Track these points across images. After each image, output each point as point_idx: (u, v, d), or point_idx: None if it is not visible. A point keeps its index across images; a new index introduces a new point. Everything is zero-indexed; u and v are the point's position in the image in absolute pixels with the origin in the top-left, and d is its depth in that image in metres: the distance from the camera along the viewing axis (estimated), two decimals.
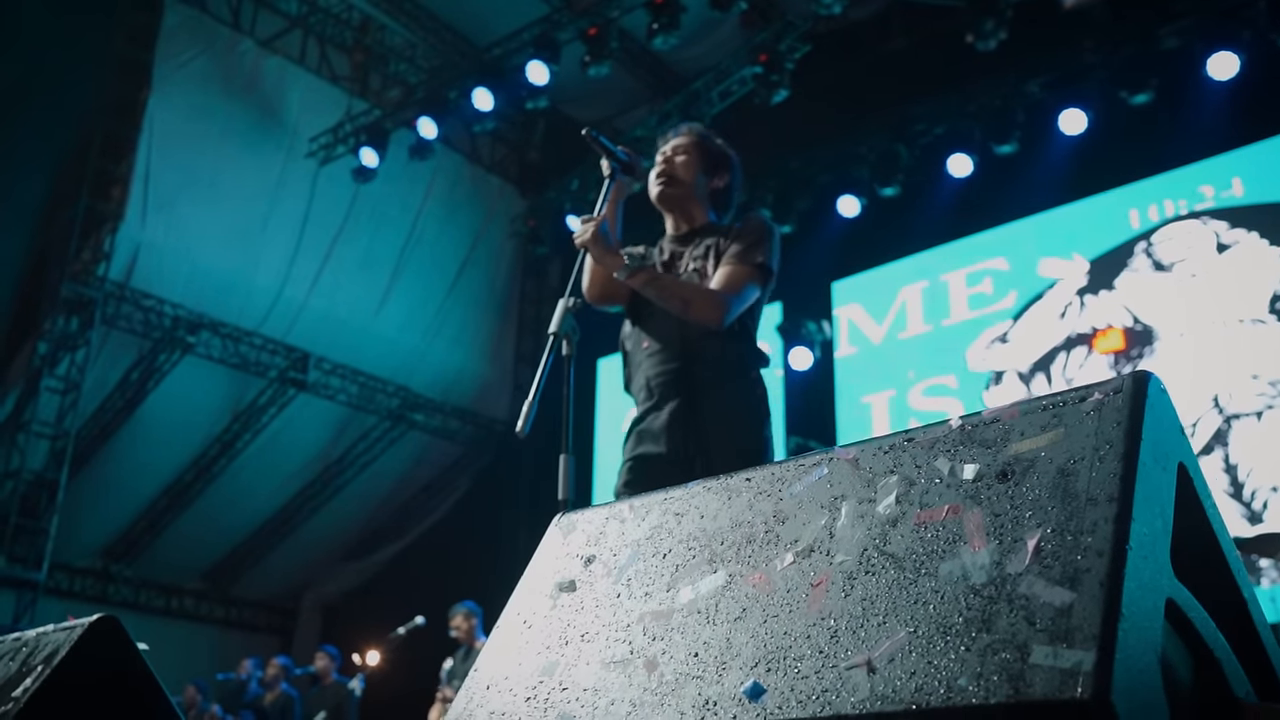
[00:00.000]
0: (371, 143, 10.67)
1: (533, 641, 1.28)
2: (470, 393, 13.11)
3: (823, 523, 1.06)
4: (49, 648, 2.17)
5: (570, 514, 1.47)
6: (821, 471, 1.12)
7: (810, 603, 1.00)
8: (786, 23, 9.15)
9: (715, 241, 3.08)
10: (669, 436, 2.91)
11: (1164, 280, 8.99)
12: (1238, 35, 8.56)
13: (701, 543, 1.18)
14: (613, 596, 1.23)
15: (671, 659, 1.07)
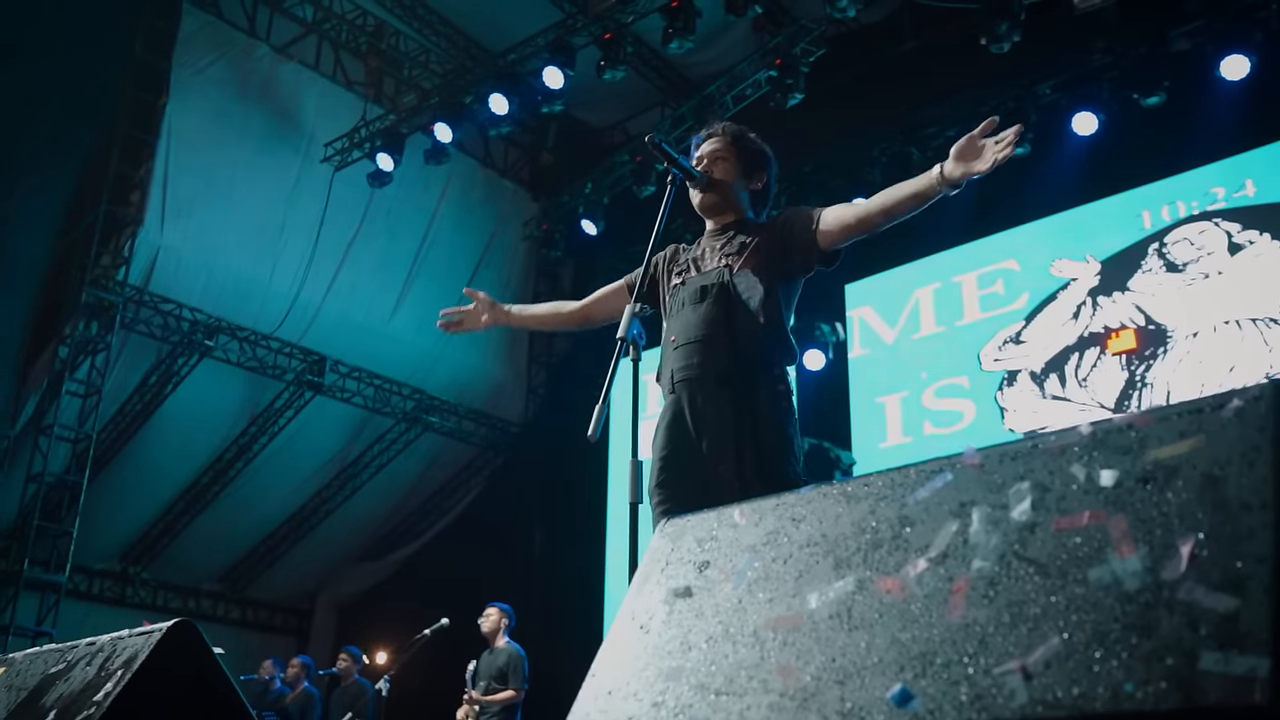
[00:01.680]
0: (387, 147, 10.74)
1: (653, 647, 1.32)
2: (484, 394, 13.18)
3: (954, 529, 1.12)
4: (127, 652, 2.23)
5: (676, 519, 1.51)
6: (946, 478, 1.18)
7: (951, 608, 1.06)
8: (800, 26, 9.21)
9: (751, 239, 3.11)
10: (694, 433, 2.94)
11: (1177, 281, 9.04)
12: (1249, 36, 8.62)
13: (824, 548, 1.23)
14: (734, 602, 1.28)
15: (808, 664, 1.12)
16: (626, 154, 11.07)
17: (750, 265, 3.04)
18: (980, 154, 2.73)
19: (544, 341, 13.55)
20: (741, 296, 3.00)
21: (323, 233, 11.40)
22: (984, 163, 2.72)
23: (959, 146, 2.78)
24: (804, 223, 3.08)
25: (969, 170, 2.75)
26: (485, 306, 3.70)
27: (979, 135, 2.75)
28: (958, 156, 2.77)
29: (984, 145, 2.74)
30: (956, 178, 2.77)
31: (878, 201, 2.94)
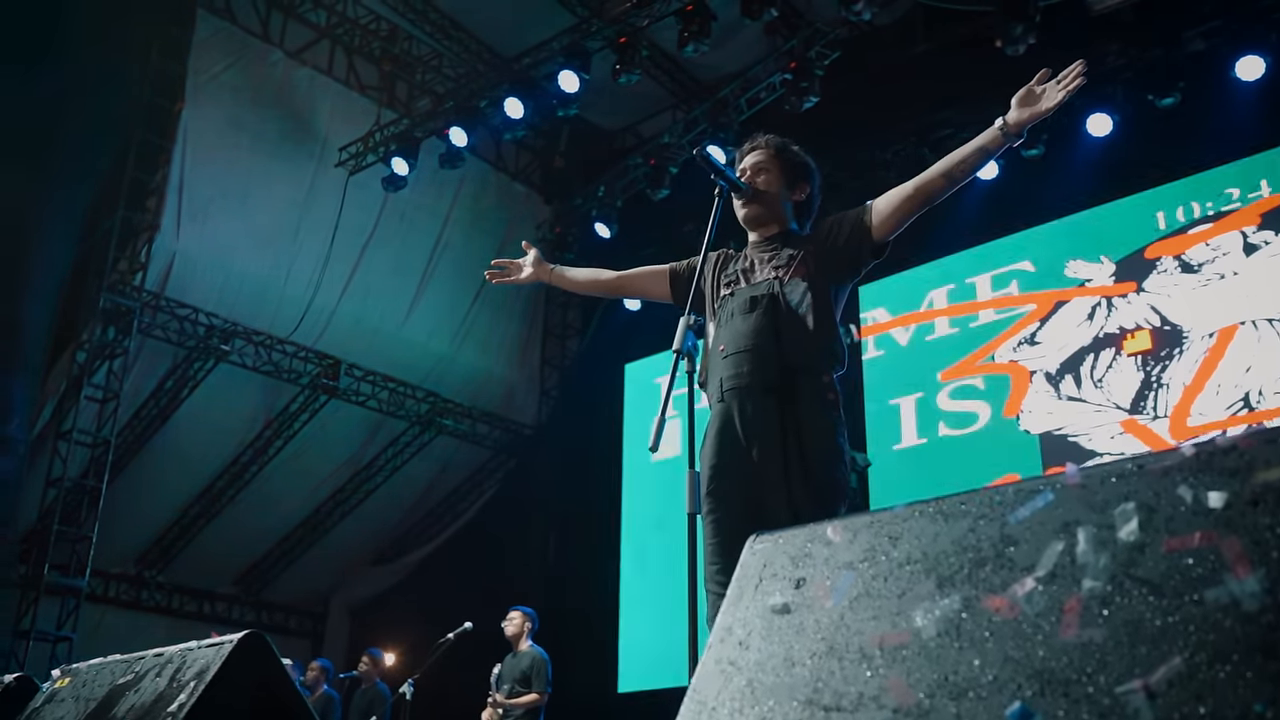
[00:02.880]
0: (402, 151, 10.78)
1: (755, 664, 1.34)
2: (497, 397, 13.22)
3: (1060, 548, 1.15)
4: (198, 663, 2.26)
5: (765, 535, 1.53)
6: (1046, 498, 1.20)
7: (1064, 627, 1.09)
8: (815, 29, 9.23)
9: (799, 251, 3.15)
10: (744, 440, 2.96)
11: (1192, 281, 9.06)
12: (1265, 38, 8.65)
13: (924, 566, 1.26)
14: (835, 619, 1.30)
15: (920, 681, 1.15)
16: (639, 157, 11.09)
17: (800, 275, 3.07)
18: (1042, 97, 2.80)
19: (557, 345, 13.59)
20: (791, 306, 3.03)
21: (337, 237, 11.44)
22: (1050, 100, 2.85)
23: (1019, 96, 2.93)
24: (854, 220, 3.14)
25: (1036, 112, 2.86)
26: (533, 261, 3.80)
27: (1036, 84, 2.83)
28: (1020, 104, 2.89)
29: (1044, 89, 2.80)
30: (1023, 121, 2.90)
31: (937, 167, 3.02)
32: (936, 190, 3.03)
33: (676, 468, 11.87)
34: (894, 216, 3.08)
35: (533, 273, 3.74)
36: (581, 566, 12.10)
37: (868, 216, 3.12)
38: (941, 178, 3.01)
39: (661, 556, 11.71)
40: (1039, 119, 2.86)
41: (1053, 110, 2.85)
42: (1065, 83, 2.82)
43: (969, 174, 3.01)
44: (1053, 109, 2.84)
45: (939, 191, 3.03)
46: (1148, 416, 9.00)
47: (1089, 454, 9.14)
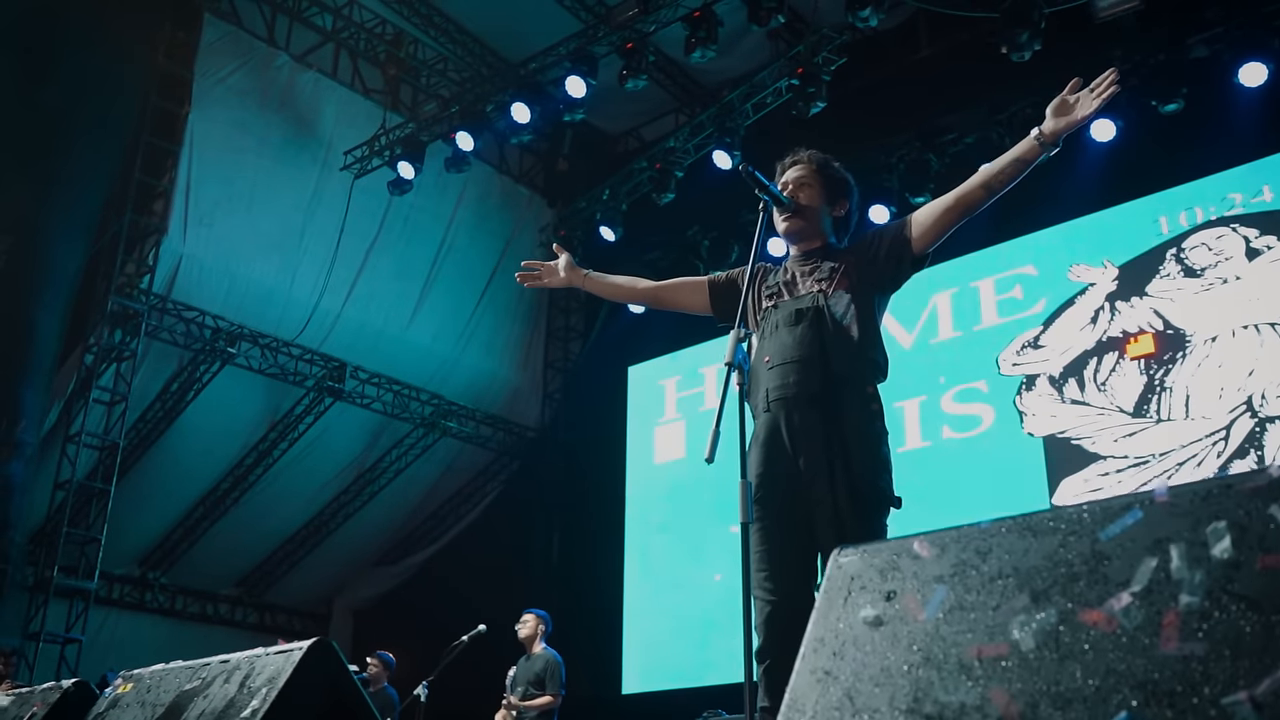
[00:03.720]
0: (408, 155, 10.83)
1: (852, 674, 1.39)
2: (501, 399, 13.28)
3: (1153, 564, 1.20)
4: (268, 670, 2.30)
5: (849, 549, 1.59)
6: (1136, 515, 1.26)
7: (1164, 641, 1.14)
8: (822, 35, 9.29)
9: (841, 264, 3.21)
10: (791, 450, 3.01)
11: (1195, 285, 9.14)
12: (1268, 44, 8.72)
13: (1016, 580, 1.32)
14: (930, 631, 1.36)
15: (1023, 692, 1.20)
16: (645, 161, 11.15)
17: (843, 287, 3.13)
18: (1076, 106, 2.85)
19: (560, 347, 13.64)
20: (836, 318, 3.09)
21: (343, 240, 11.49)
22: (1084, 109, 2.89)
23: (1053, 105, 2.96)
24: (894, 234, 3.19)
25: (1071, 121, 2.90)
26: (565, 266, 3.79)
27: (1069, 93, 2.88)
28: (1055, 113, 2.93)
29: (1078, 98, 2.86)
30: (1059, 130, 2.94)
31: (976, 179, 3.07)
32: (976, 201, 3.09)
33: (680, 471, 11.97)
34: (934, 229, 3.14)
35: (566, 277, 3.76)
36: (585, 568, 12.16)
37: (907, 229, 3.17)
38: (981, 189, 3.07)
39: (666, 559, 11.78)
40: (1075, 127, 2.92)
41: (1089, 119, 2.90)
42: (1099, 91, 2.88)
43: (1007, 185, 3.07)
44: (1089, 117, 2.89)
45: (979, 202, 3.09)
46: (1152, 419, 9.07)
47: (1093, 457, 9.22)
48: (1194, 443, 8.81)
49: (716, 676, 10.38)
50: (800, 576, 2.92)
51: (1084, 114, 2.89)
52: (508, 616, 8.10)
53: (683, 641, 11.21)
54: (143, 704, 2.67)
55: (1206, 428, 8.79)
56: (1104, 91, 2.87)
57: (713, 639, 10.90)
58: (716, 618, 11.04)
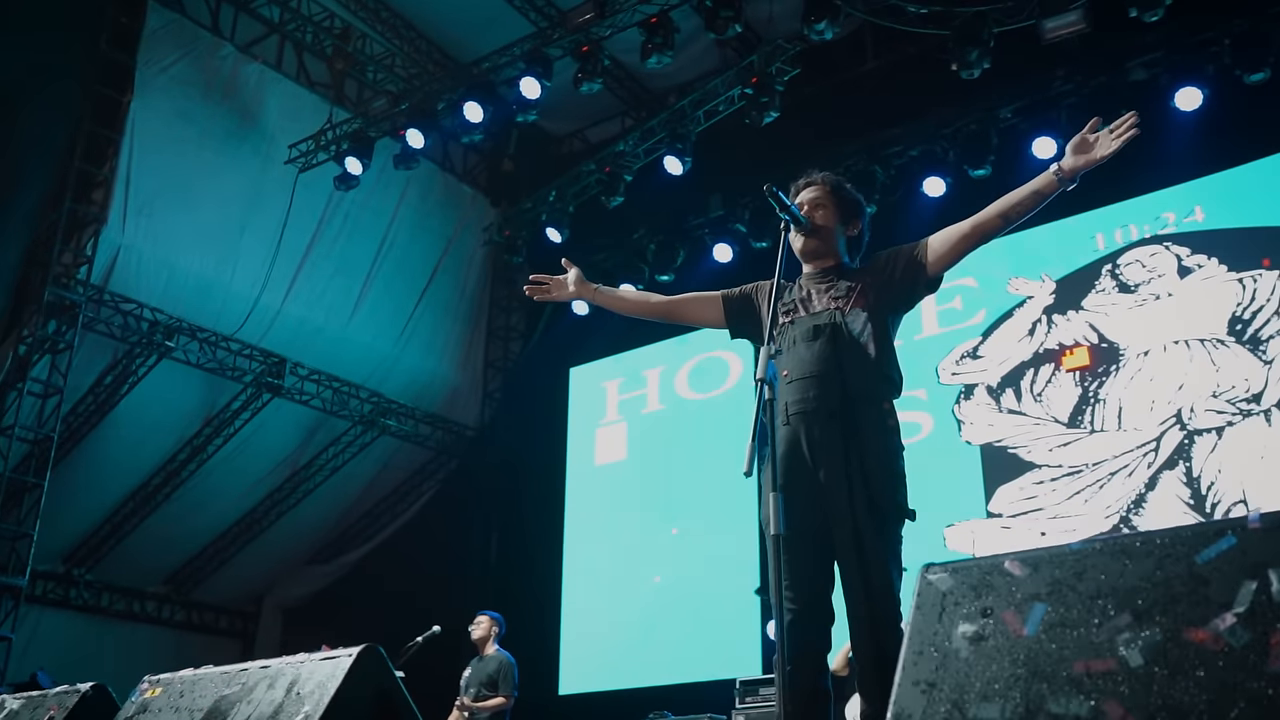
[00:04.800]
0: (356, 151, 10.73)
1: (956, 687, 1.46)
2: (440, 398, 13.22)
3: (1254, 586, 1.29)
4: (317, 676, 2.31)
5: (937, 566, 1.66)
6: (1230, 541, 1.35)
7: (1273, 659, 1.23)
8: (776, 45, 9.42)
9: (857, 283, 3.30)
10: (811, 463, 3.09)
11: (1129, 301, 9.45)
12: (1202, 70, 9.03)
13: (1114, 601, 1.40)
14: (1034, 647, 1.43)
15: (1137, 705, 1.28)
16: (594, 164, 11.19)
17: (860, 305, 3.22)
18: (1096, 145, 2.95)
19: (500, 347, 13.63)
20: (853, 335, 3.18)
21: (285, 235, 11.34)
22: (1104, 149, 3.00)
23: (1073, 144, 3.07)
24: (909, 256, 3.28)
25: (1090, 159, 3.02)
26: (575, 280, 3.82)
27: (1088, 133, 2.98)
28: (1075, 151, 3.03)
29: (1097, 138, 2.96)
30: (1078, 168, 3.07)
31: (994, 208, 3.16)
32: (993, 230, 3.19)
33: (621, 472, 12.02)
34: (950, 253, 3.24)
35: (575, 291, 3.80)
36: (523, 569, 12.16)
37: (923, 253, 3.27)
38: (998, 218, 3.18)
39: (605, 560, 11.83)
40: (1093, 166, 3.03)
41: (1107, 159, 3.00)
42: (1119, 132, 2.99)
43: (1023, 216, 3.17)
44: (1107, 157, 3.00)
45: (995, 231, 3.20)
46: (1085, 430, 9.36)
47: (1028, 466, 9.47)
48: (1125, 453, 9.11)
49: (657, 678, 10.47)
50: (819, 586, 3.00)
51: (1103, 154, 3.01)
52: (444, 617, 8.08)
53: (622, 643, 11.28)
54: (176, 709, 2.65)
55: (1138, 439, 9.08)
56: (1124, 133, 2.98)
57: (653, 640, 10.98)
58: (656, 619, 11.13)
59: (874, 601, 2.87)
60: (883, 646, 2.81)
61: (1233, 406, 8.72)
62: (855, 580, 2.93)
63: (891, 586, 2.90)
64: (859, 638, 2.91)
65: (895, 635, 2.84)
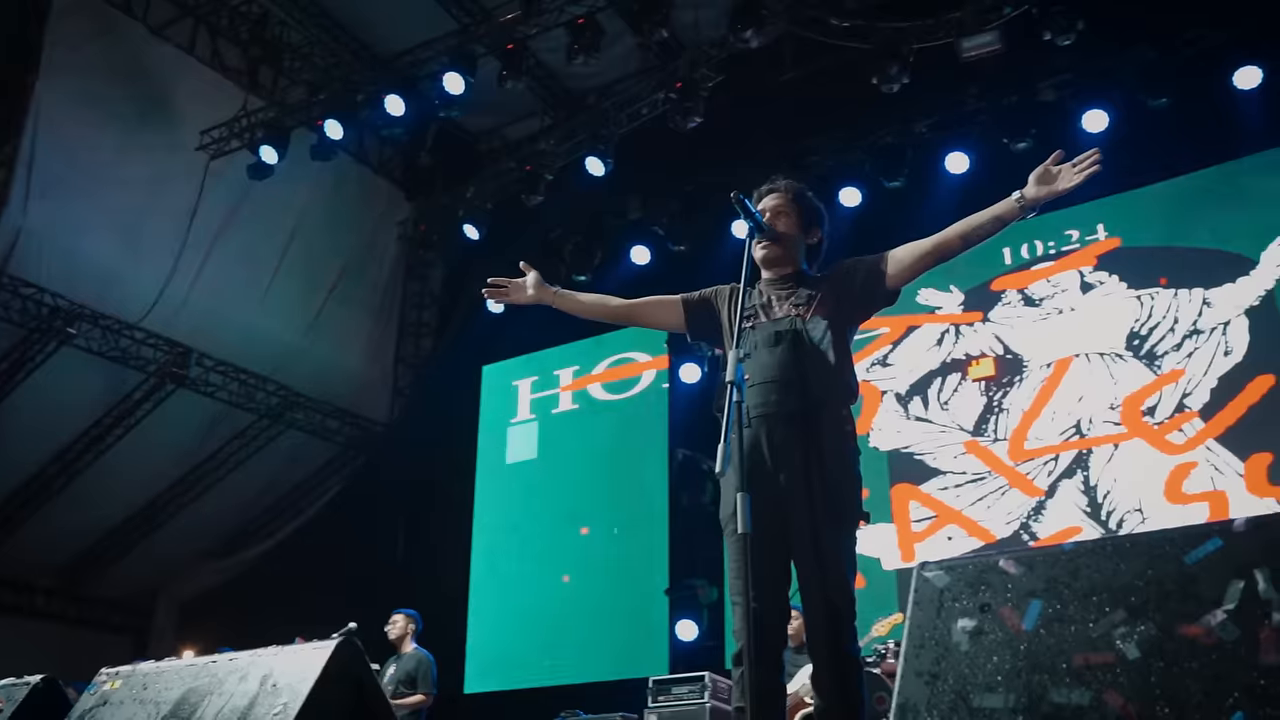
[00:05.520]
0: (271, 140, 10.55)
1: (960, 677, 1.54)
2: (349, 393, 13.05)
3: (1241, 585, 1.39)
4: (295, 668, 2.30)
5: (932, 564, 1.73)
6: (1217, 543, 1.45)
7: (1264, 653, 1.32)
8: (701, 51, 9.53)
9: (817, 291, 3.38)
10: (771, 466, 3.15)
11: (1033, 315, 9.77)
12: (1108, 94, 9.38)
13: (1108, 597, 1.49)
14: (1034, 640, 1.52)
15: (1136, 694, 1.37)
16: (514, 162, 11.17)
17: (820, 313, 3.30)
18: (1058, 177, 3.08)
19: (412, 343, 13.51)
20: (813, 342, 3.25)
21: (194, 223, 11.11)
22: (1065, 182, 3.12)
23: (1036, 174, 3.19)
24: (869, 269, 3.37)
25: (1052, 190, 3.14)
26: (534, 283, 3.81)
27: (1052, 164, 3.11)
28: (1038, 181, 3.15)
29: (1059, 170, 3.09)
30: (1040, 198, 3.18)
31: (955, 229, 3.27)
32: (953, 250, 3.30)
33: (531, 471, 12.01)
34: (910, 269, 3.34)
35: (534, 294, 3.80)
36: (431, 566, 12.06)
37: (884, 265, 3.36)
38: (959, 239, 3.29)
39: (514, 559, 11.81)
40: (1054, 197, 3.15)
41: (1068, 191, 3.13)
42: (1081, 168, 3.11)
43: (984, 239, 3.29)
44: (1069, 189, 3.12)
45: (955, 251, 3.31)
46: (988, 439, 9.64)
47: (933, 472, 9.73)
48: (1026, 462, 9.41)
49: (566, 677, 10.50)
50: (777, 585, 3.08)
51: (1064, 187, 3.13)
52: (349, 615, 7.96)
53: (530, 642, 11.27)
54: (140, 701, 2.60)
55: (1039, 448, 9.40)
56: (1086, 169, 3.10)
57: (561, 639, 11.00)
58: (565, 618, 11.15)
59: (830, 599, 2.95)
60: (838, 643, 2.90)
61: (1130, 419, 9.07)
62: (812, 579, 3.01)
63: (847, 585, 2.99)
64: (815, 634, 2.99)
65: (850, 632, 2.93)
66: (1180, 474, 8.67)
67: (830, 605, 2.93)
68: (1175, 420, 8.84)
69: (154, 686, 2.65)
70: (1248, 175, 9.12)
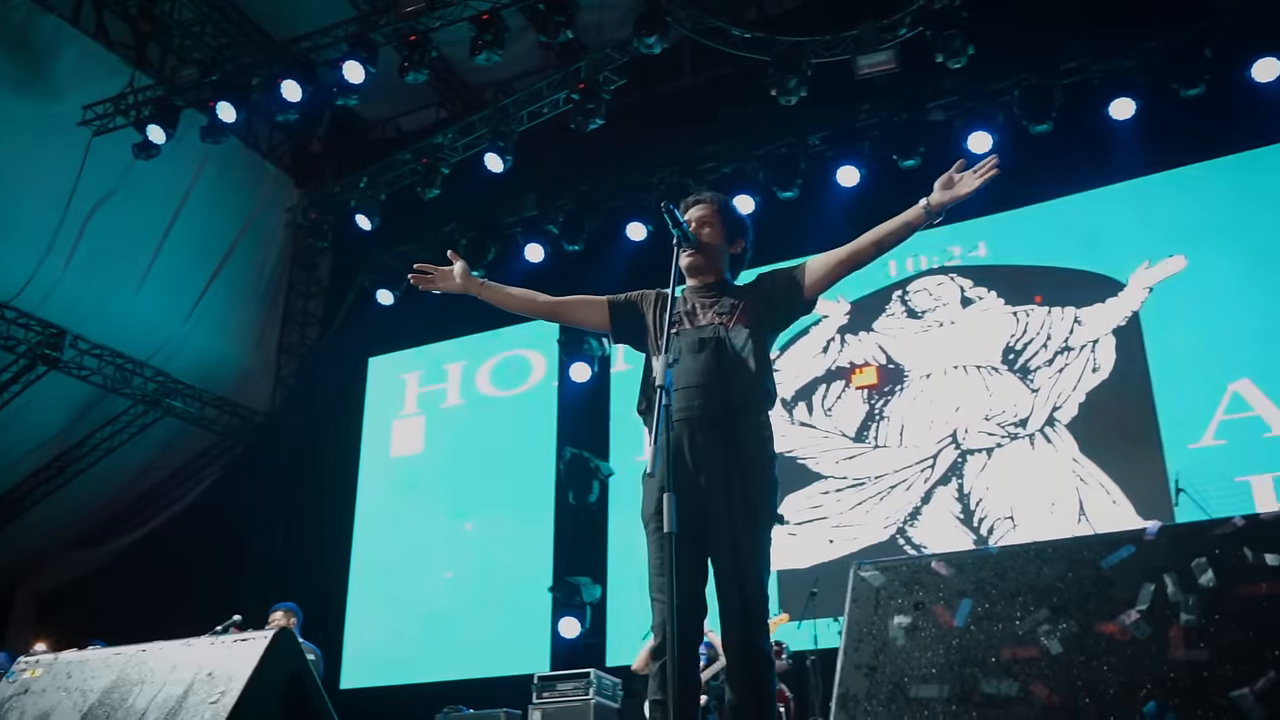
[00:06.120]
0: (159, 119, 10.28)
1: (897, 670, 1.65)
2: (230, 381, 12.77)
3: (1153, 588, 1.53)
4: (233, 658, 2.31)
5: (867, 564, 1.84)
6: (1130, 549, 1.59)
7: (1173, 648, 1.46)
8: (604, 54, 9.61)
9: (740, 301, 3.48)
10: (692, 468, 3.23)
11: (915, 326, 10.11)
12: (993, 116, 9.77)
13: (1032, 597, 1.62)
14: (965, 636, 1.64)
15: (1060, 686, 1.50)
16: (410, 153, 11.09)
17: (742, 322, 3.40)
18: (960, 183, 3.25)
19: (297, 332, 13.27)
20: (736, 350, 3.35)
21: (73, 201, 10.74)
22: (967, 186, 3.31)
23: (941, 181, 3.37)
24: (788, 280, 3.49)
25: (955, 195, 3.32)
26: (460, 273, 3.83)
27: (955, 172, 3.27)
28: (942, 187, 3.33)
29: (962, 176, 3.26)
30: (944, 202, 3.35)
31: (868, 237, 3.42)
32: (866, 257, 3.45)
33: (416, 466, 11.93)
34: (826, 278, 3.47)
35: (461, 284, 3.82)
36: (310, 559, 11.88)
37: (801, 275, 3.49)
38: (872, 246, 3.43)
39: (396, 554, 11.72)
40: (957, 202, 3.32)
41: (969, 195, 3.30)
42: (981, 173, 3.29)
43: (895, 245, 3.44)
44: (970, 194, 3.30)
45: (868, 258, 3.45)
46: (869, 445, 9.95)
47: (815, 476, 9.99)
48: (905, 469, 9.74)
49: (448, 673, 10.47)
50: (696, 582, 3.17)
51: (965, 190, 3.31)
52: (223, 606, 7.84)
53: (410, 637, 11.21)
54: (65, 690, 2.54)
55: (916, 455, 9.73)
56: (985, 174, 3.29)
57: (443, 636, 10.97)
58: (447, 614, 11.12)
59: (747, 598, 3.06)
60: (753, 639, 3.01)
61: (1002, 430, 9.46)
62: (729, 577, 3.11)
63: (763, 584, 3.11)
64: (730, 631, 3.09)
65: (764, 629, 3.05)
66: (1048, 484, 9.08)
67: (745, 603, 3.04)
68: (1045, 432, 9.25)
69: (78, 675, 2.60)
70: (1119, 201, 9.60)
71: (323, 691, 2.55)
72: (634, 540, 12.44)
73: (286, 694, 2.41)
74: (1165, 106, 9.11)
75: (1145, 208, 9.50)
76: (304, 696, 2.46)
